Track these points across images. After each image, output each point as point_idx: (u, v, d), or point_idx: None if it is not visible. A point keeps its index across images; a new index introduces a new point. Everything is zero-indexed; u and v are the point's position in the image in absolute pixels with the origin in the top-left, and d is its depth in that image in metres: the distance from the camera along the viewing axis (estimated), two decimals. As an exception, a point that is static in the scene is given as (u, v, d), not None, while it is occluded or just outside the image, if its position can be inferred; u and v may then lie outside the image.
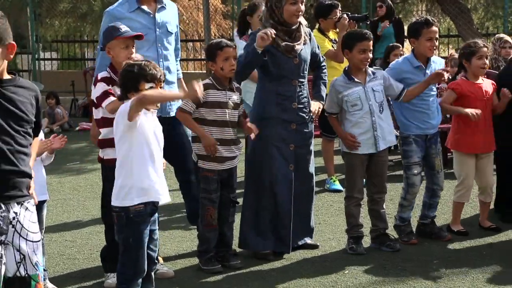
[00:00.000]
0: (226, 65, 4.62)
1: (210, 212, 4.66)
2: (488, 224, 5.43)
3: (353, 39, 4.97)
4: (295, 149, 4.89)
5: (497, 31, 13.22)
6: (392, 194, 6.08)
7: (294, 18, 4.81)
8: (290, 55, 4.81)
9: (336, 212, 6.06)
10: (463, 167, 5.31)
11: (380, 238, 5.06)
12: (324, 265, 4.76)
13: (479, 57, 5.21)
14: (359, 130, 4.91)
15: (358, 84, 4.92)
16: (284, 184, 4.86)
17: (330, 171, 7.00)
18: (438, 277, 4.50)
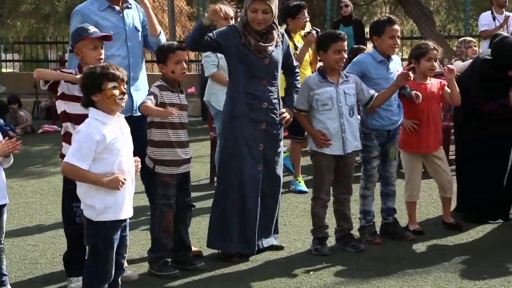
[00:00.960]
0: (177, 68, 4.59)
1: (169, 218, 4.63)
2: (451, 220, 5.51)
3: (328, 40, 5.00)
4: (264, 149, 4.88)
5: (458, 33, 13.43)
6: (357, 195, 6.10)
7: (255, 25, 4.80)
8: (261, 55, 4.81)
9: (302, 213, 6.08)
10: (410, 166, 5.42)
11: (345, 239, 5.09)
12: (289, 266, 4.77)
13: (428, 59, 5.30)
14: (327, 131, 4.93)
15: (331, 84, 4.95)
16: (252, 184, 4.85)
17: (296, 172, 7.03)
18: (402, 277, 4.54)
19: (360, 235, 5.25)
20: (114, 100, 3.66)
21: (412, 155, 5.41)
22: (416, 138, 5.34)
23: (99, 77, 3.66)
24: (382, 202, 5.39)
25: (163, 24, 16.45)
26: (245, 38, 4.78)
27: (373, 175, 5.23)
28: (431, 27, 13.36)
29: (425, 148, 5.37)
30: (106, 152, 3.63)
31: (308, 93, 4.95)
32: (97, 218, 3.66)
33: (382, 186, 5.35)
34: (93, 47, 4.27)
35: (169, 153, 4.59)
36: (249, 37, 4.78)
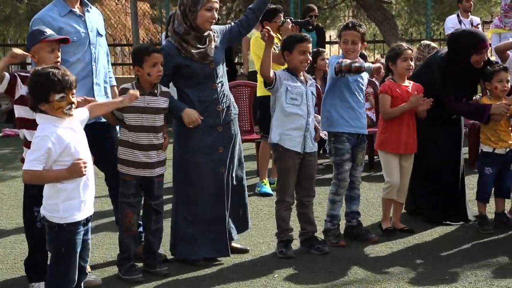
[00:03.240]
0: (153, 71, 4.57)
1: (129, 216, 4.60)
2: (401, 226, 5.57)
3: (293, 41, 5.02)
4: (224, 151, 4.88)
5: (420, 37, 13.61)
6: (321, 198, 6.15)
7: (207, 25, 4.78)
8: (206, 61, 4.80)
9: (266, 216, 6.09)
10: (388, 165, 5.48)
11: (309, 241, 5.11)
12: (254, 270, 4.77)
13: (404, 59, 5.38)
14: (292, 125, 4.94)
15: (302, 83, 4.98)
16: (215, 189, 4.84)
17: (262, 174, 7.06)
18: (365, 279, 4.57)
19: (325, 237, 5.27)
20: (61, 111, 3.63)
21: (390, 155, 5.47)
22: (394, 138, 5.41)
23: (46, 88, 3.58)
24: (347, 206, 5.42)
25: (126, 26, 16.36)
26: (185, 51, 4.74)
27: (345, 179, 5.25)
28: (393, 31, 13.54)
29: (402, 148, 5.44)
30: (65, 155, 3.59)
31: (281, 80, 4.90)
32: (60, 221, 3.62)
33: (347, 190, 5.38)
34: (50, 50, 4.21)
35: (128, 153, 4.56)
36: (189, 47, 4.75)
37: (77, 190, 3.66)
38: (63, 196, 3.62)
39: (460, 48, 5.52)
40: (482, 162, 5.56)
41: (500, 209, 5.66)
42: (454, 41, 5.62)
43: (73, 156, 3.62)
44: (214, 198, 4.84)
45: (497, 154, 5.50)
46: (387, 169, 5.50)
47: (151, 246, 4.73)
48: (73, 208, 3.64)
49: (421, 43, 8.51)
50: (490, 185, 5.55)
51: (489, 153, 5.51)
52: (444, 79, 5.58)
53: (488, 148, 5.52)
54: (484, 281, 4.47)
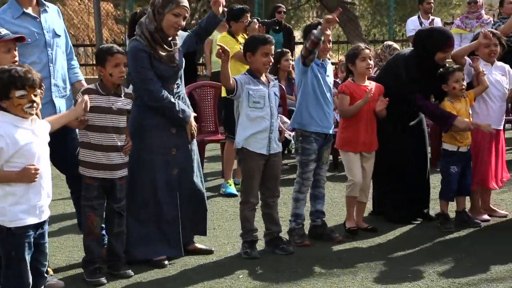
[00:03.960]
0: (115, 71, 4.55)
1: (91, 219, 4.57)
2: (365, 226, 5.63)
3: (256, 42, 5.02)
4: (177, 153, 4.88)
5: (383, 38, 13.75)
6: (286, 198, 6.17)
7: (172, 30, 4.78)
8: (173, 64, 4.81)
9: (231, 217, 6.09)
10: (350, 164, 5.53)
11: (274, 242, 5.13)
12: (219, 271, 4.76)
13: (362, 59, 5.43)
14: (256, 128, 4.95)
15: (264, 85, 4.99)
16: (168, 190, 4.86)
17: (227, 175, 7.06)
18: (330, 278, 4.60)
19: (289, 237, 5.30)
20: (21, 109, 3.60)
21: (351, 154, 5.52)
22: (354, 137, 5.46)
23: (6, 84, 3.57)
24: (311, 205, 5.45)
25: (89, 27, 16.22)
26: (154, 51, 4.74)
27: (308, 178, 5.29)
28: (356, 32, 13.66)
29: (362, 147, 5.50)
30: (18, 157, 3.55)
31: (243, 85, 4.91)
32: (8, 225, 3.60)
33: (312, 189, 5.42)
34: (7, 50, 4.15)
35: (89, 155, 4.53)
36: (158, 48, 4.75)
37: (27, 195, 3.62)
38: (10, 201, 3.60)
39: (429, 45, 5.59)
40: (447, 162, 5.62)
41: (461, 208, 5.74)
42: (423, 38, 5.69)
43: (27, 159, 3.58)
44: (166, 199, 4.86)
45: (461, 152, 5.58)
46: (349, 167, 5.55)
47: (114, 249, 4.70)
48: (22, 212, 3.62)
49: (383, 44, 8.63)
50: (455, 184, 5.62)
51: (454, 152, 5.58)
52: (411, 76, 5.65)
53: (452, 147, 5.59)
54: (445, 279, 4.54)
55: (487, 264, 4.76)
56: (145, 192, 4.85)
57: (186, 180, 4.97)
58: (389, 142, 5.70)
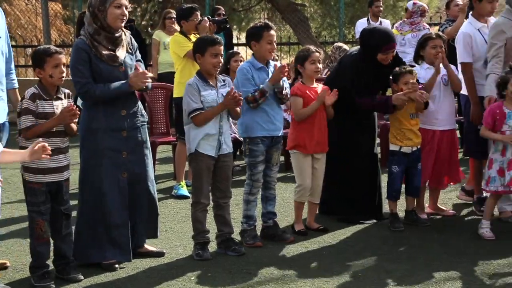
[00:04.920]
0: (55, 72, 4.48)
1: (40, 225, 4.49)
2: (316, 226, 5.67)
3: (204, 43, 5.01)
4: (128, 156, 4.84)
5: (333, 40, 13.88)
6: (238, 199, 6.17)
7: (118, 22, 4.76)
8: (116, 63, 4.77)
9: (183, 218, 6.06)
10: (300, 167, 5.55)
11: (226, 243, 5.12)
12: (171, 273, 4.73)
13: (312, 62, 5.47)
14: (207, 133, 4.93)
15: (213, 88, 4.97)
16: (117, 193, 4.81)
17: (179, 176, 7.02)
18: (282, 279, 4.62)
19: (241, 238, 5.30)
20: None
21: (302, 156, 5.54)
22: (306, 139, 5.48)
23: None
24: (263, 207, 5.46)
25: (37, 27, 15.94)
26: (96, 50, 4.71)
27: (258, 180, 5.30)
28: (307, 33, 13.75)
29: (313, 148, 5.52)
30: None
31: (197, 92, 4.89)
32: None
33: (263, 191, 5.43)
34: None
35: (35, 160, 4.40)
36: (100, 47, 4.72)
37: None
38: None
39: (370, 45, 5.67)
40: (390, 161, 5.72)
41: (410, 207, 5.83)
42: (366, 37, 5.78)
43: None
44: (115, 203, 4.81)
45: (403, 152, 5.66)
46: (298, 171, 5.57)
47: (62, 252, 4.63)
48: None
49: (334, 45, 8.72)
50: (398, 183, 5.71)
51: (396, 151, 5.67)
52: (354, 75, 5.71)
53: (395, 147, 5.68)
54: (395, 277, 4.60)
55: (437, 263, 4.84)
56: (94, 195, 4.80)
57: (137, 184, 4.92)
58: (339, 141, 5.75)
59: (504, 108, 5.33)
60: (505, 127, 5.30)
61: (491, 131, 5.33)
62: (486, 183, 5.39)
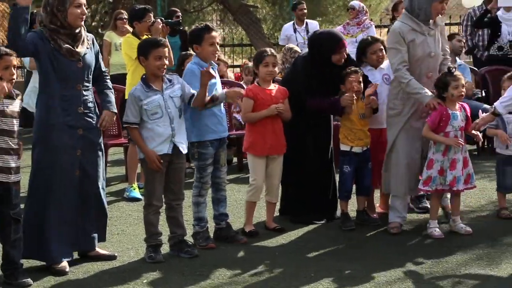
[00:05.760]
0: (5, 74, 4.41)
1: None
2: (273, 226, 5.70)
3: (148, 46, 4.98)
4: (82, 154, 4.81)
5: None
6: (191, 201, 6.13)
7: (78, 21, 4.77)
8: (73, 58, 4.74)
9: (135, 221, 6.01)
10: (255, 168, 5.57)
11: (179, 245, 5.09)
12: (122, 276, 4.69)
13: (265, 65, 5.49)
14: (160, 139, 4.91)
15: (157, 92, 4.93)
16: (68, 190, 4.78)
17: (131, 179, 6.97)
18: (234, 280, 4.62)
19: (194, 240, 5.28)
20: None
21: (257, 158, 5.56)
22: (261, 141, 5.49)
23: None
24: (215, 209, 5.45)
25: (-16, 28, 15.59)
26: (55, 42, 4.70)
27: (207, 182, 5.29)
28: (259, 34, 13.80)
29: (268, 150, 5.54)
30: None
31: (137, 104, 4.90)
32: None
33: (213, 193, 5.42)
34: None
35: None
36: (60, 41, 4.71)
37: None
38: None
39: (322, 51, 5.72)
40: (341, 161, 5.77)
41: (361, 207, 5.89)
42: (316, 42, 5.83)
43: None
44: (65, 199, 4.78)
45: (354, 152, 5.72)
46: (253, 171, 5.59)
47: (11, 257, 4.54)
48: None
49: (285, 46, 8.76)
50: (349, 183, 5.76)
51: (347, 151, 5.73)
52: (305, 77, 5.75)
53: (345, 147, 5.74)
54: (347, 276, 4.64)
55: (387, 262, 4.90)
56: (48, 192, 4.74)
57: (88, 185, 4.88)
58: (294, 142, 5.79)
59: (448, 109, 5.43)
60: (449, 128, 5.40)
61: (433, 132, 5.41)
62: (425, 182, 5.46)
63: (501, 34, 8.93)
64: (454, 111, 5.44)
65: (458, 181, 5.38)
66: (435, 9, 5.38)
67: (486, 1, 9.28)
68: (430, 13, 5.38)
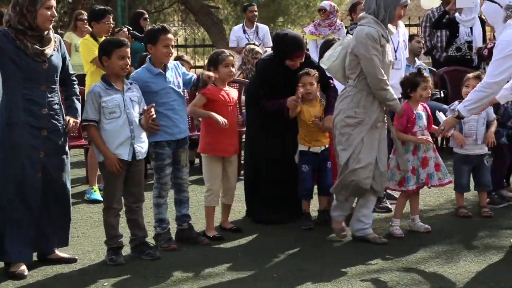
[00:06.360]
0: None
1: None
2: (229, 226, 5.72)
3: (111, 46, 4.95)
4: (45, 156, 4.76)
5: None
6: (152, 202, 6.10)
7: (47, 23, 4.74)
8: (39, 59, 4.69)
9: (96, 223, 5.96)
10: (210, 172, 5.57)
11: (140, 247, 5.06)
12: (83, 279, 4.65)
13: (226, 65, 5.49)
14: (119, 140, 4.87)
15: (118, 92, 4.89)
16: (32, 192, 4.72)
17: (91, 181, 6.91)
18: (197, 281, 4.61)
19: (156, 242, 5.25)
20: None
21: (212, 160, 5.54)
22: (217, 142, 5.48)
23: None
24: (177, 210, 5.43)
25: None
26: (21, 42, 4.65)
27: (166, 183, 5.27)
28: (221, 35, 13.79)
29: (224, 151, 5.53)
30: None
31: (97, 101, 4.86)
32: None
33: (175, 194, 5.40)
34: None
35: None
36: (26, 41, 4.66)
37: None
38: None
39: (280, 51, 5.75)
40: (300, 161, 5.80)
41: (322, 207, 5.93)
42: (277, 42, 5.85)
43: None
44: (26, 200, 4.72)
45: (313, 152, 5.75)
46: (208, 174, 5.57)
47: None
48: None
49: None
50: (309, 182, 5.79)
51: (305, 151, 5.76)
52: (262, 78, 5.77)
53: (303, 147, 5.77)
54: (308, 276, 4.67)
55: (349, 261, 4.94)
56: (11, 193, 4.68)
57: (52, 189, 4.83)
58: (256, 143, 5.80)
59: (413, 109, 5.51)
60: (416, 128, 5.48)
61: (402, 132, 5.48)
62: (400, 183, 5.52)
63: (459, 35, 9.07)
64: (419, 111, 5.52)
65: (431, 178, 5.49)
66: (398, 13, 5.38)
67: (444, 2, 9.41)
68: (393, 17, 5.35)
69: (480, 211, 6.02)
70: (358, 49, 5.15)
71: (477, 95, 4.96)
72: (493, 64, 4.88)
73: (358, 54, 5.15)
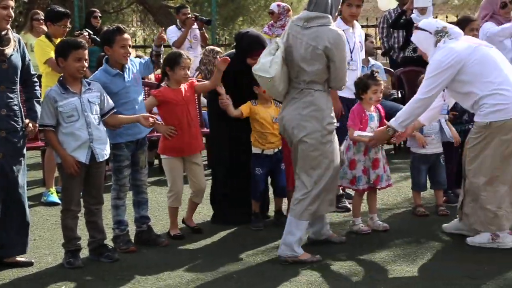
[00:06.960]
0: None
1: None
2: (193, 224, 5.73)
3: (68, 47, 4.88)
4: (3, 157, 4.70)
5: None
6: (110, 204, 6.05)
7: (4, 23, 4.68)
8: None
9: (53, 226, 5.89)
10: (172, 171, 5.53)
11: (99, 249, 5.02)
12: (40, 283, 4.59)
13: (182, 68, 5.46)
14: (77, 143, 4.81)
15: (74, 95, 4.83)
16: None
17: (48, 183, 6.82)
18: (156, 283, 4.59)
19: (114, 244, 5.21)
20: None
21: (173, 160, 5.51)
22: (177, 142, 5.45)
23: None
24: (136, 211, 5.40)
25: None
26: None
27: (124, 185, 5.24)
28: (180, 36, 13.67)
29: (187, 151, 5.51)
30: None
31: (52, 106, 4.79)
32: None
33: (134, 196, 5.37)
34: None
35: None
36: None
37: None
38: None
39: (242, 48, 5.76)
40: (253, 163, 5.79)
41: (277, 208, 5.96)
42: (238, 40, 5.86)
43: None
44: None
45: (266, 154, 5.76)
46: (171, 176, 5.54)
47: None
48: None
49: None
50: (262, 184, 5.80)
51: (259, 154, 5.76)
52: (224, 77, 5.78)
53: (257, 149, 5.77)
54: (267, 276, 4.68)
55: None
56: None
57: (9, 191, 4.76)
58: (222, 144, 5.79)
59: (366, 110, 5.56)
60: (368, 129, 5.53)
61: None
62: (351, 182, 5.57)
63: None
64: (371, 113, 5.58)
65: (381, 180, 5.55)
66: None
67: (401, 3, 9.52)
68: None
69: (436, 209, 6.12)
70: (333, 51, 4.75)
71: (409, 111, 5.21)
72: (426, 82, 5.14)
73: (331, 56, 4.76)
